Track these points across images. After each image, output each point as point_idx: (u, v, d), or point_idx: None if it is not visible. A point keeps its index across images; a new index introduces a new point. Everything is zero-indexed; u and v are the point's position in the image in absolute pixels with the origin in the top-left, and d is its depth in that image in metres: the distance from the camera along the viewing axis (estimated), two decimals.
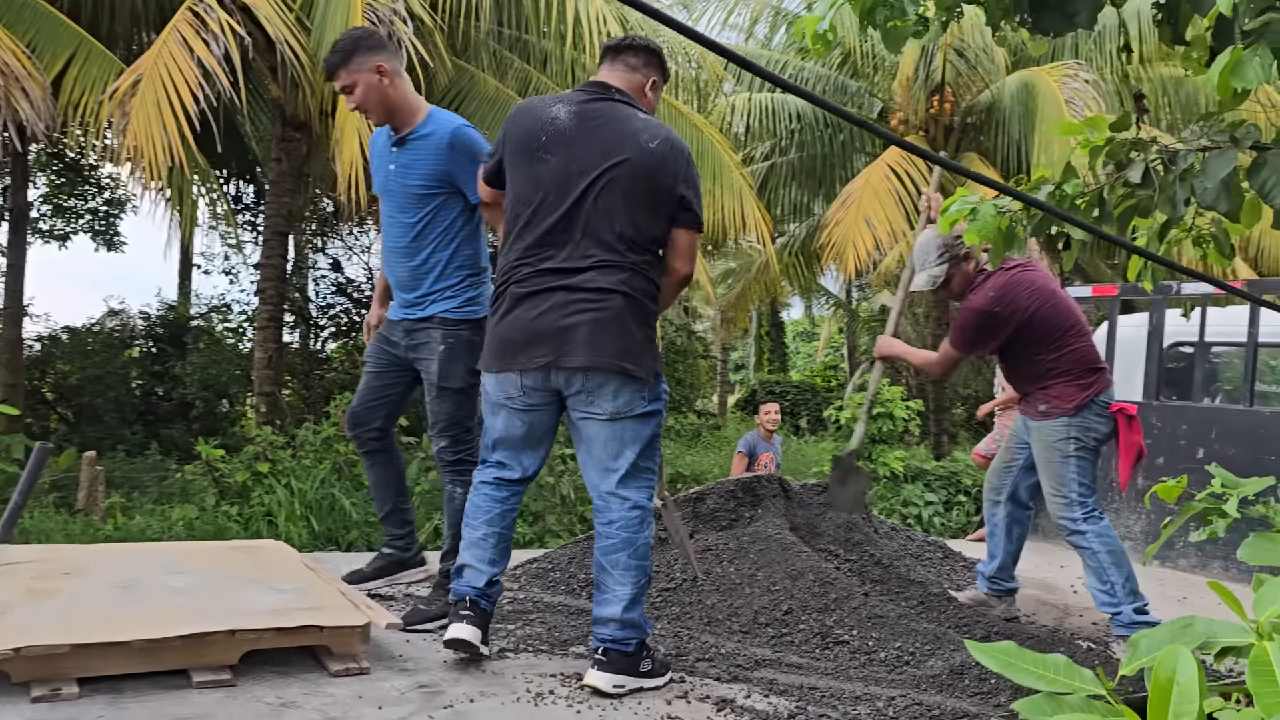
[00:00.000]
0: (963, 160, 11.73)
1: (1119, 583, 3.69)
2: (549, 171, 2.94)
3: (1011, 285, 3.80)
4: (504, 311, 3.00)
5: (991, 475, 4.23)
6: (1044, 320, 3.81)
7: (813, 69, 13.12)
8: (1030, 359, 3.87)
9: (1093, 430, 3.80)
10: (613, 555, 2.96)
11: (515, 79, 8.99)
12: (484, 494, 3.11)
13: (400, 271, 3.66)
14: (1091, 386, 3.80)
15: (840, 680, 3.22)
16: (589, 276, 2.89)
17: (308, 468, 7.84)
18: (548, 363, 2.91)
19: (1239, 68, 2.19)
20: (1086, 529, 3.72)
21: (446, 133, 3.50)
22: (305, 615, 2.95)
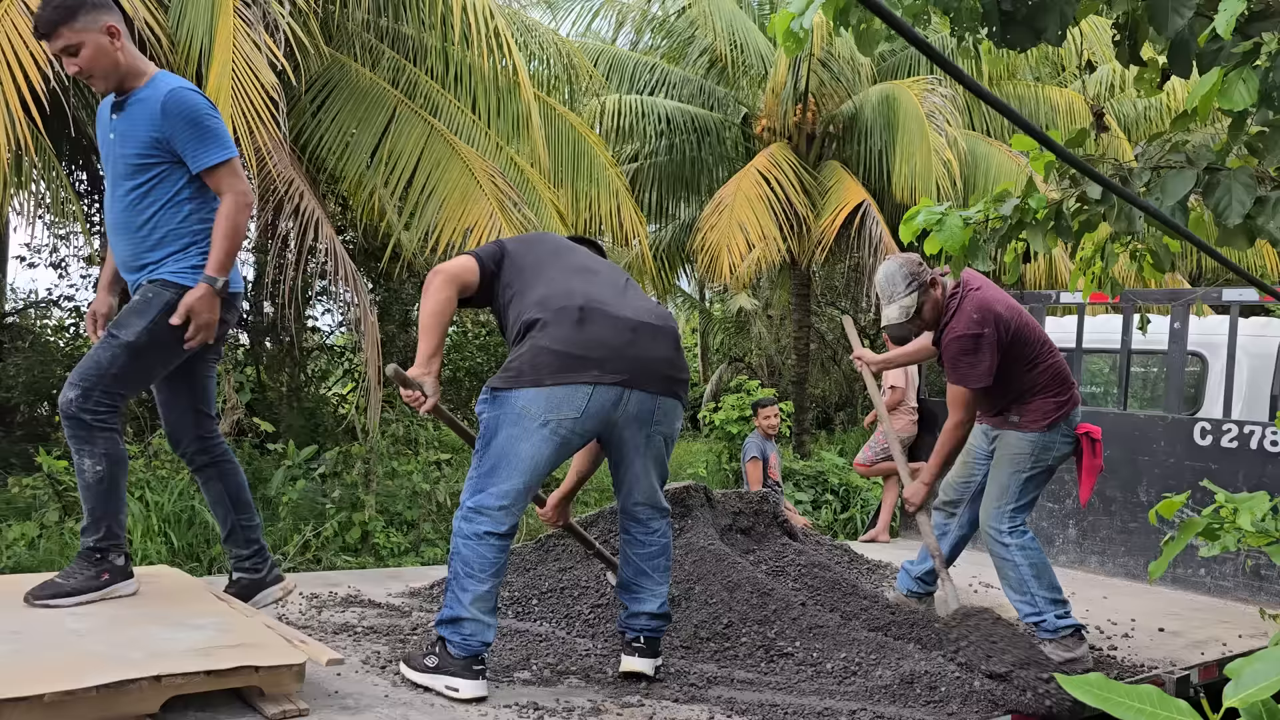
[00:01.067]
0: (824, 169, 12.03)
1: (1039, 594, 3.78)
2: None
3: (985, 303, 3.72)
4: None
5: (948, 487, 4.26)
6: (1022, 335, 3.79)
7: (679, 73, 13.17)
8: (1011, 375, 3.83)
9: (1054, 450, 3.86)
10: (654, 560, 3.21)
11: (388, 70, 8.61)
12: (494, 545, 2.92)
13: (123, 249, 3.22)
14: (1065, 405, 3.85)
15: (794, 695, 3.17)
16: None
17: (164, 478, 7.24)
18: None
19: (1227, 89, 2.25)
20: (1010, 542, 3.81)
21: (160, 95, 3.10)
22: (236, 654, 2.66)
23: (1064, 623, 3.78)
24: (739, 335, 18.20)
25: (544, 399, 2.89)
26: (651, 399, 3.02)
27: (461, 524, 2.94)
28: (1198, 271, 13.72)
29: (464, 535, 2.93)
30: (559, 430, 2.91)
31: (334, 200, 10.24)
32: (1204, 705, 1.40)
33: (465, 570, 2.91)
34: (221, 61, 6.36)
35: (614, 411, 2.97)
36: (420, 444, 8.92)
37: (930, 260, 3.37)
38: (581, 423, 2.93)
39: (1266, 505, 2.00)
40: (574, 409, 2.90)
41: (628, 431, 3.04)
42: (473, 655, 2.90)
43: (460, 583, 2.91)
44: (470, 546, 2.91)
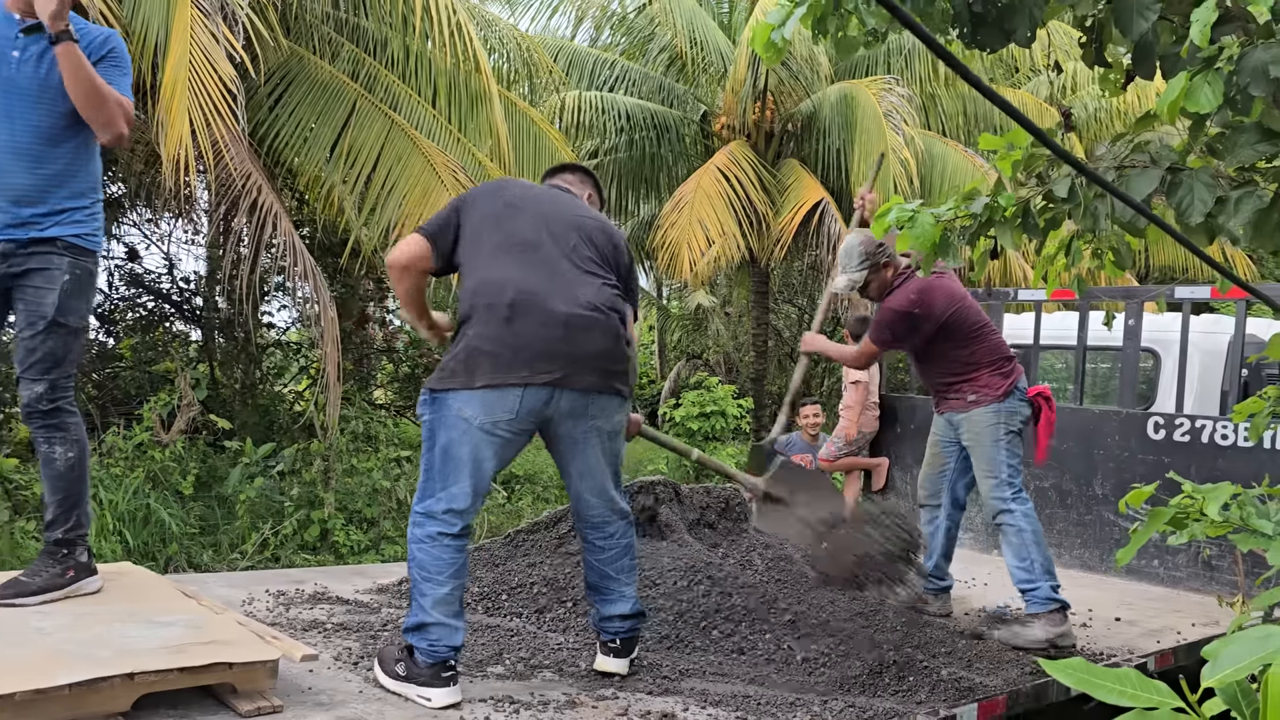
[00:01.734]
0: (783, 167, 12.12)
1: (1038, 560, 3.93)
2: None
3: (928, 290, 4.00)
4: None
5: (925, 481, 4.40)
6: (958, 321, 4.06)
7: (639, 70, 13.19)
8: (949, 356, 4.10)
9: (1019, 414, 4.08)
10: (616, 563, 3.18)
11: (348, 63, 8.52)
12: (448, 546, 2.89)
13: (20, 180, 3.00)
14: (1011, 375, 4.09)
15: (766, 686, 3.21)
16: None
17: (118, 477, 7.11)
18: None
19: (1193, 93, 2.32)
20: (1015, 508, 3.96)
21: (104, 35, 3.07)
22: (209, 651, 2.64)
23: (1055, 596, 3.94)
24: (697, 332, 18.25)
25: (478, 402, 2.86)
26: (583, 396, 2.97)
27: (414, 529, 2.92)
28: (1145, 271, 14.03)
29: (417, 540, 2.90)
30: (497, 431, 2.89)
31: (291, 195, 10.11)
32: (1183, 686, 1.45)
33: (423, 575, 2.88)
34: (178, 53, 6.25)
35: (546, 408, 2.94)
36: (380, 441, 8.85)
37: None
38: (518, 422, 2.91)
39: (1229, 495, 2.07)
40: (507, 410, 2.87)
41: (563, 427, 3.01)
42: (441, 661, 2.84)
43: (420, 588, 2.88)
44: (425, 550, 2.88)
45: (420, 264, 3.06)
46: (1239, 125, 2.70)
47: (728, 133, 12.36)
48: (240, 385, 10.82)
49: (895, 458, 6.70)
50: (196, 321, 11.19)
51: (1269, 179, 2.69)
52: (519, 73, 11.00)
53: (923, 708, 3.08)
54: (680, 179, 12.22)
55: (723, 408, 10.14)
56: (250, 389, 10.86)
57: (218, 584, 4.11)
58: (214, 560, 7.21)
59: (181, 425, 7.67)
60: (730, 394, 10.37)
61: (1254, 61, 2.32)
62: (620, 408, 3.10)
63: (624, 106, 12.34)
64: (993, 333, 4.14)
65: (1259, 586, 3.97)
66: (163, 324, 11.18)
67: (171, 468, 7.50)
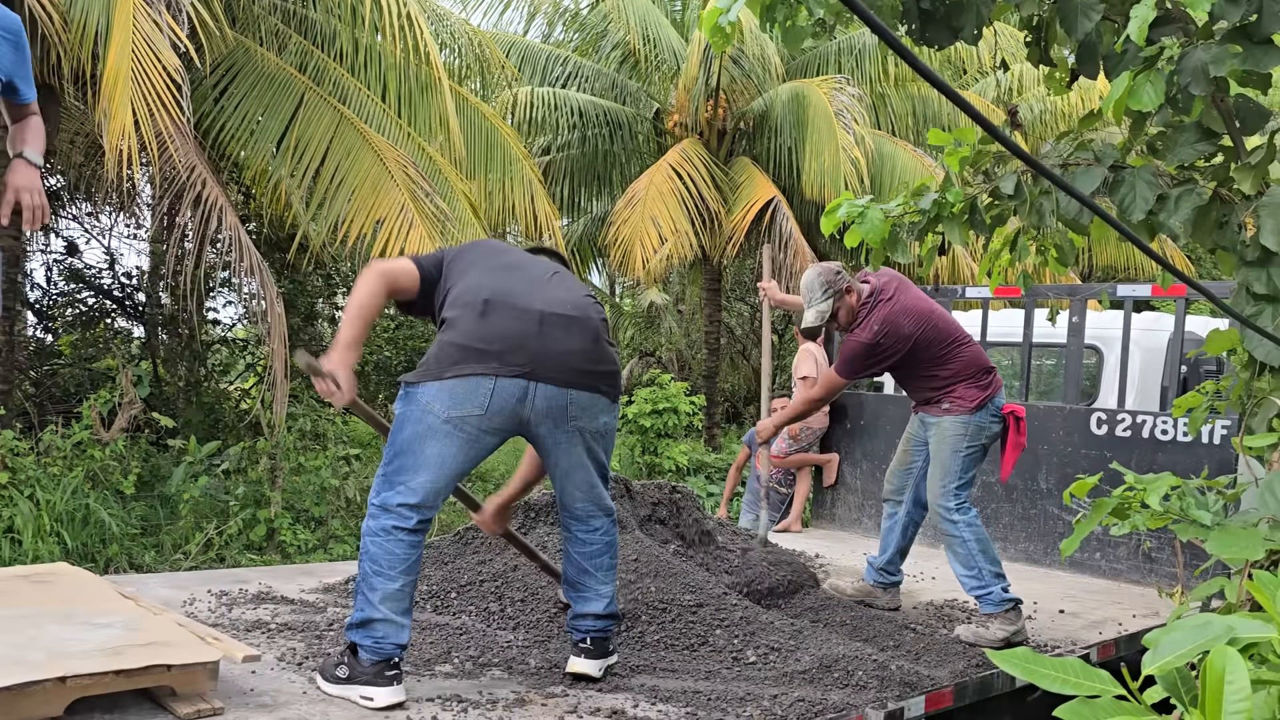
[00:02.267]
0: (735, 165, 12.17)
1: (985, 568, 3.98)
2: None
3: (894, 316, 4.00)
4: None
5: (892, 476, 4.42)
6: (928, 341, 4.05)
7: (592, 67, 13.15)
8: (926, 374, 4.10)
9: (986, 430, 4.09)
10: (597, 559, 3.14)
11: (296, 55, 8.38)
12: (402, 541, 2.81)
13: None
14: (988, 388, 4.09)
15: (716, 681, 3.20)
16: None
17: (56, 476, 6.92)
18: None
19: (1136, 91, 2.35)
20: (959, 519, 3.99)
21: (11, 17, 3.03)
22: (146, 653, 2.57)
23: (1008, 595, 4.00)
24: (650, 330, 18.26)
25: (446, 394, 2.80)
26: (561, 393, 2.89)
27: (369, 522, 2.85)
28: (1089, 270, 14.31)
29: (372, 533, 2.82)
30: (464, 428, 2.81)
31: (238, 189, 9.94)
32: (1124, 674, 1.47)
33: (374, 569, 2.80)
34: (120, 42, 6.11)
35: (521, 408, 2.85)
36: (329, 439, 8.72)
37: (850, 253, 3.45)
38: (488, 420, 2.83)
39: (1170, 486, 2.11)
40: (477, 405, 2.80)
41: (543, 429, 2.92)
42: (385, 659, 2.77)
43: (369, 582, 2.80)
44: (378, 544, 2.80)
45: (402, 278, 3.00)
46: (1179, 125, 2.75)
47: (680, 130, 12.38)
48: (185, 383, 10.63)
49: (844, 453, 6.75)
50: (139, 318, 10.97)
51: (1207, 177, 2.75)
52: (471, 68, 10.91)
53: (871, 701, 3.10)
54: (633, 176, 12.21)
55: (675, 405, 10.14)
56: (195, 386, 10.66)
57: (159, 585, 4.02)
58: (156, 561, 7.06)
59: (123, 423, 7.49)
60: (683, 391, 10.37)
61: (1194, 61, 2.37)
62: (608, 409, 3.04)
63: (577, 103, 12.30)
64: (968, 344, 4.12)
65: (1197, 578, 4.06)
66: (104, 320, 10.93)
67: (112, 467, 7.33)
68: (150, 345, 10.60)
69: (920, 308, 4.08)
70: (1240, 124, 2.67)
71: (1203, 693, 1.32)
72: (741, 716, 2.87)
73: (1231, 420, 4.98)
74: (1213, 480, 2.77)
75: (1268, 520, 1.97)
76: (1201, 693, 1.32)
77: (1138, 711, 1.42)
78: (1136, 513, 2.10)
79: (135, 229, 11.30)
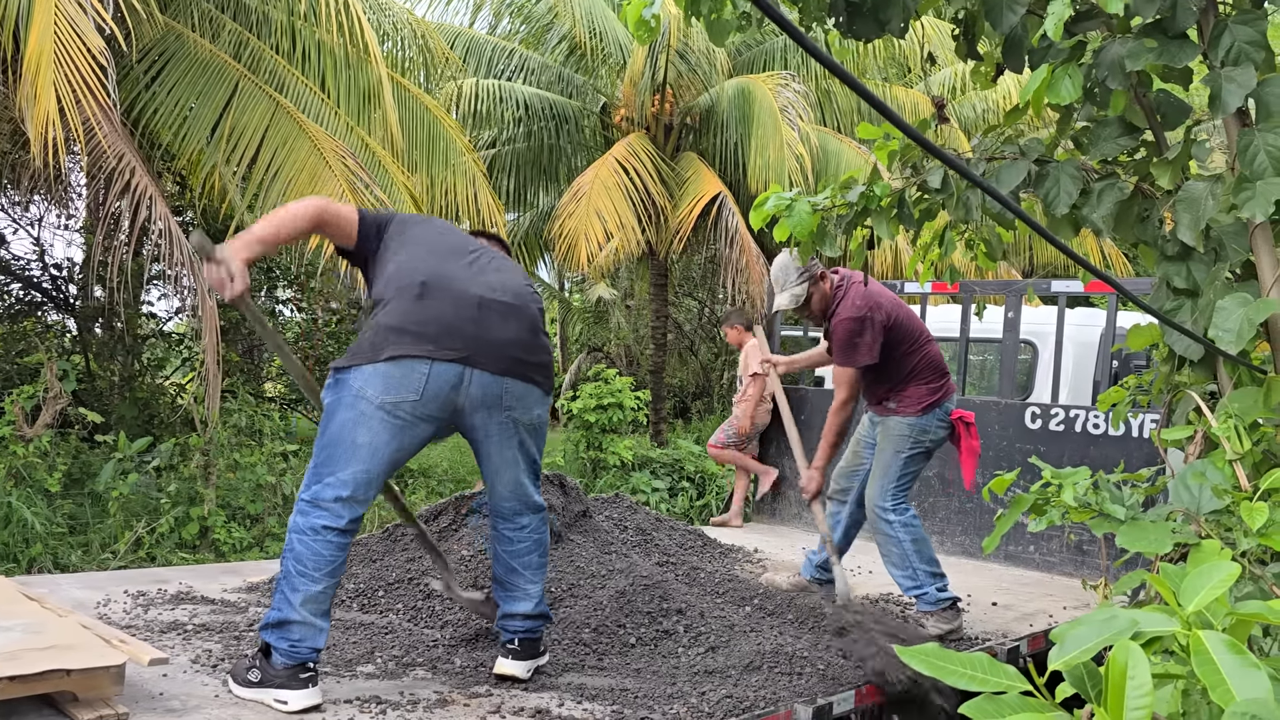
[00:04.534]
0: (682, 160, 12.14)
1: (920, 568, 3.96)
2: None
3: (869, 294, 3.98)
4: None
5: (839, 476, 4.38)
6: (902, 324, 4.03)
7: (538, 59, 13.04)
8: (890, 362, 4.03)
9: (930, 434, 4.05)
10: (524, 558, 3.07)
11: (230, 42, 8.18)
12: (331, 542, 2.72)
13: None
14: (939, 392, 4.05)
15: (644, 679, 3.17)
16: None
17: None
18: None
19: (1054, 85, 2.35)
20: (894, 519, 3.97)
21: None
22: (45, 657, 2.47)
23: (944, 595, 4.00)
24: (598, 325, 18.21)
25: (380, 378, 2.71)
26: (497, 381, 2.82)
27: (297, 518, 2.74)
28: (1030, 268, 14.52)
29: (299, 530, 2.72)
30: (398, 414, 2.72)
31: (171, 178, 9.69)
32: (1030, 670, 1.45)
33: (298, 568, 2.70)
34: (42, 24, 5.90)
35: (456, 394, 2.78)
36: (265, 434, 8.55)
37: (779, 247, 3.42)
38: (422, 406, 2.74)
39: (1086, 480, 2.11)
40: (412, 390, 2.71)
41: (477, 417, 2.85)
42: (300, 663, 2.68)
43: (291, 581, 2.70)
44: (305, 542, 2.70)
45: (339, 220, 2.90)
46: (1103, 120, 2.76)
47: (627, 125, 12.33)
48: (119, 378, 10.35)
49: (786, 448, 6.76)
50: (71, 311, 10.66)
51: (1130, 172, 2.76)
52: (414, 60, 10.76)
53: (800, 696, 3.09)
54: (579, 170, 12.14)
55: (620, 400, 10.10)
56: (129, 381, 10.38)
57: (74, 585, 3.89)
58: (83, 561, 6.85)
59: (47, 419, 7.26)
60: (628, 386, 10.33)
61: (1111, 56, 2.38)
62: (541, 401, 2.96)
63: (522, 96, 12.20)
64: (930, 344, 4.11)
65: (1118, 569, 4.11)
66: (34, 313, 10.61)
67: (37, 464, 7.11)
68: (82, 339, 10.31)
69: (890, 295, 4.10)
70: (1161, 119, 2.69)
71: (1106, 686, 1.30)
72: (668, 714, 2.84)
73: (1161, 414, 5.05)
74: (1136, 474, 2.79)
75: (1181, 513, 1.97)
76: (1105, 686, 1.31)
77: (1043, 707, 1.40)
78: (1055, 507, 2.10)
79: (66, 219, 10.98)
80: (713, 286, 16.28)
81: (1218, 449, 2.18)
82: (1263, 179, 2.24)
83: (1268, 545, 1.70)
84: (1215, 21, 2.39)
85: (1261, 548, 1.74)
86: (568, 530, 4.06)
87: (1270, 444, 2.26)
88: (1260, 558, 1.80)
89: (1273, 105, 2.30)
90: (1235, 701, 1.23)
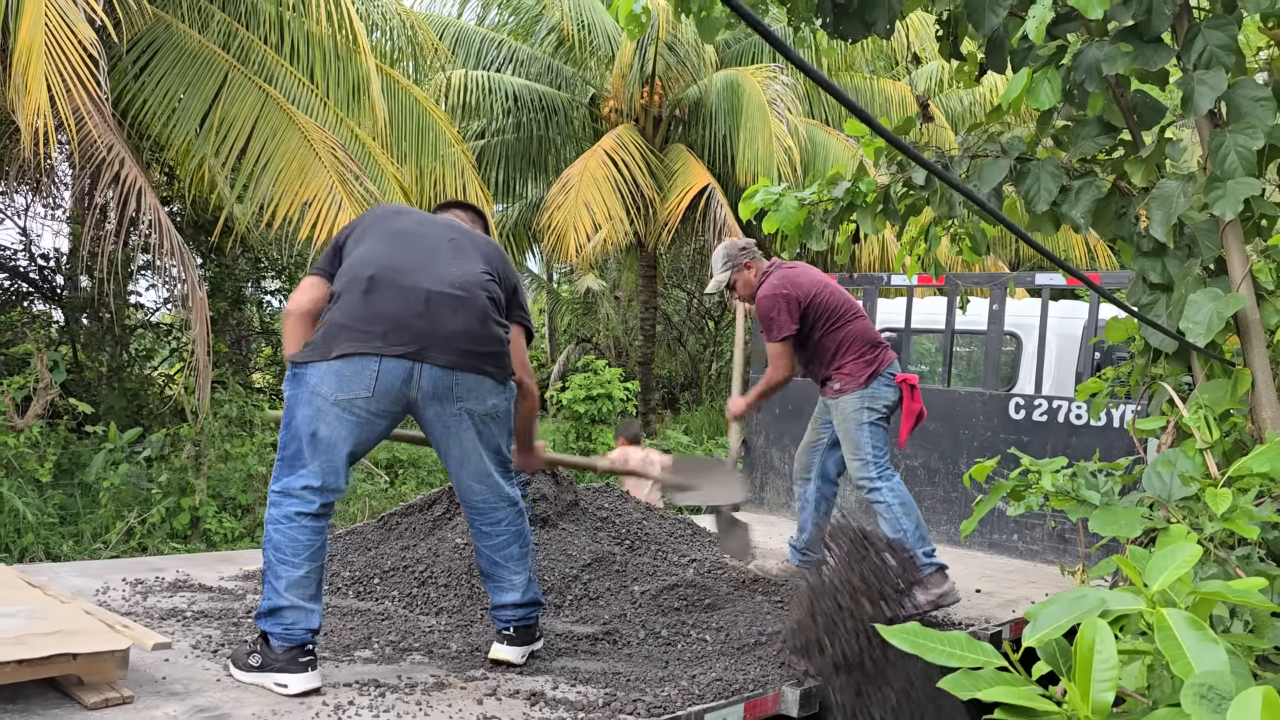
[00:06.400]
0: (670, 152, 12.21)
1: (909, 530, 4.05)
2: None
3: (790, 273, 4.09)
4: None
5: (800, 454, 4.49)
6: (824, 302, 4.12)
7: (527, 51, 13.08)
8: (819, 345, 4.16)
9: (881, 398, 4.15)
10: (504, 550, 3.09)
11: (219, 33, 8.19)
12: (306, 527, 2.78)
13: None
14: (876, 362, 4.15)
15: (638, 663, 3.24)
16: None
17: None
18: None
19: (1034, 89, 2.43)
20: (881, 485, 4.07)
21: None
22: (52, 642, 2.52)
23: (930, 560, 4.07)
24: (587, 316, 18.26)
25: (334, 376, 2.77)
26: (447, 374, 2.84)
27: (271, 510, 2.81)
28: (1016, 260, 14.64)
29: (274, 520, 2.79)
30: (352, 410, 2.78)
31: (160, 169, 9.69)
32: (1006, 647, 1.54)
33: (278, 557, 2.76)
34: (33, 15, 5.92)
35: (408, 389, 2.81)
36: (255, 425, 8.58)
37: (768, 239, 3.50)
38: (375, 402, 2.79)
39: (1063, 468, 2.19)
40: (363, 387, 2.77)
41: (430, 410, 2.87)
42: (298, 645, 2.75)
43: (274, 570, 2.77)
44: (281, 530, 2.77)
45: (320, 305, 2.98)
46: (1083, 119, 2.84)
47: (616, 116, 12.38)
48: (106, 368, 10.35)
49: (772, 438, 6.84)
50: (58, 301, 10.65)
51: (1107, 170, 2.84)
52: (403, 50, 10.76)
53: (788, 678, 3.17)
54: (568, 162, 12.19)
55: (609, 391, 10.18)
56: (117, 372, 10.39)
57: (71, 574, 3.94)
58: (74, 551, 6.89)
59: (38, 409, 7.28)
60: (617, 377, 10.41)
61: (1088, 59, 2.45)
62: (494, 391, 2.95)
63: (511, 87, 12.23)
64: (858, 317, 4.22)
65: (1096, 554, 4.21)
66: (20, 304, 10.59)
67: (27, 454, 7.13)
68: (70, 329, 10.30)
69: (815, 275, 4.19)
70: (1138, 119, 2.77)
71: (1075, 662, 1.38)
72: (660, 696, 2.91)
73: (1140, 405, 5.16)
74: (1114, 463, 2.88)
75: (1152, 499, 2.05)
76: (1074, 662, 1.39)
77: (1017, 681, 1.48)
78: (1033, 494, 2.18)
79: (53, 209, 10.95)
80: (701, 278, 16.35)
81: (1189, 438, 2.27)
82: (1233, 178, 2.32)
83: (1232, 529, 1.79)
84: (1189, 26, 2.47)
85: (1226, 532, 1.82)
86: (559, 519, 4.13)
87: (1240, 433, 2.35)
88: (1225, 541, 1.88)
89: (1243, 107, 2.39)
90: (1194, 674, 1.30)
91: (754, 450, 6.99)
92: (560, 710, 2.76)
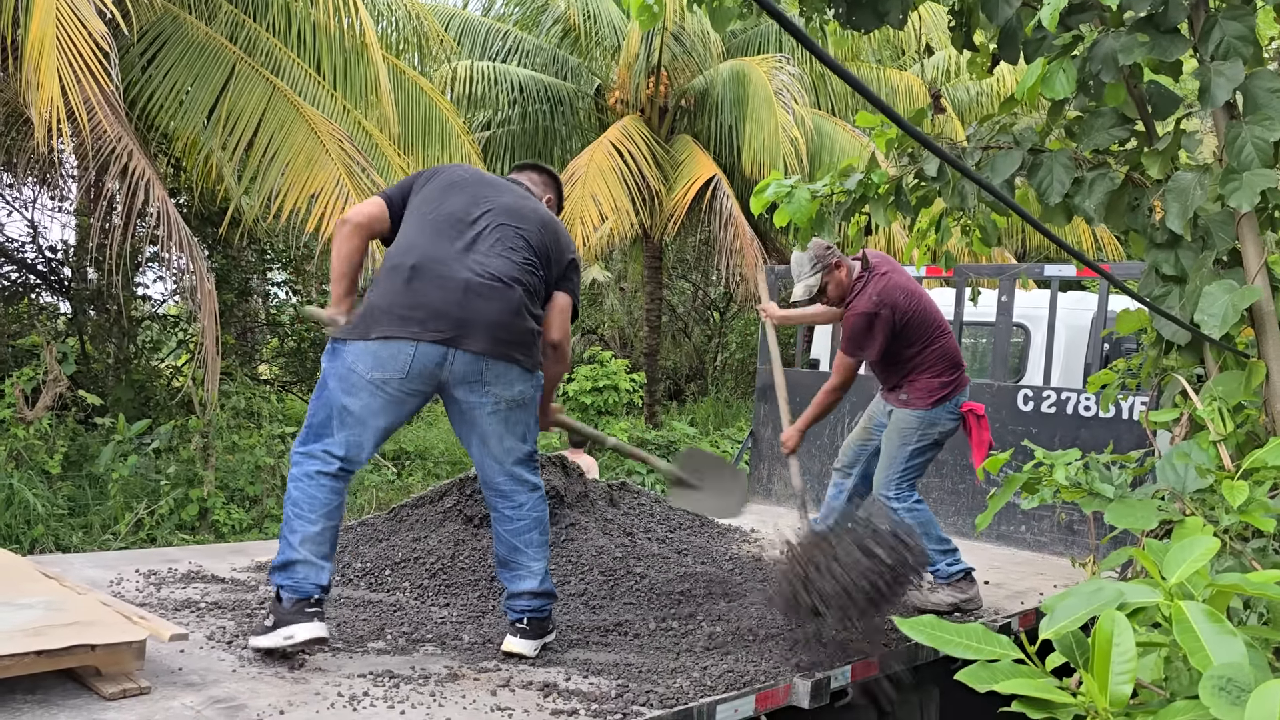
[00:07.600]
0: (676, 143, 12.17)
1: (930, 547, 4.00)
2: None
3: (889, 289, 3.93)
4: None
5: (847, 447, 4.41)
6: (919, 320, 4.00)
7: (532, 41, 13.04)
8: (902, 354, 4.04)
9: (939, 426, 4.06)
10: (525, 535, 3.12)
11: (226, 25, 8.19)
12: (324, 485, 2.89)
13: None
14: (950, 385, 4.05)
15: (649, 654, 3.25)
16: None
17: None
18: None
19: (1049, 80, 2.42)
20: (897, 506, 4.04)
21: None
22: (70, 633, 2.54)
23: (955, 568, 4.09)
24: (592, 307, 18.26)
25: (370, 356, 2.89)
26: (478, 360, 2.95)
27: (293, 469, 2.94)
28: (1023, 251, 14.61)
29: (295, 478, 2.92)
30: (386, 389, 2.91)
31: (167, 161, 9.70)
32: (1022, 639, 1.54)
33: (295, 512, 2.88)
34: (44, 9, 5.92)
35: (440, 371, 2.93)
36: (263, 417, 8.61)
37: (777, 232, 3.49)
38: (409, 383, 2.91)
39: (1076, 460, 2.19)
40: (398, 369, 2.89)
41: (460, 392, 2.98)
42: (305, 597, 2.84)
43: (291, 525, 2.88)
44: (300, 487, 2.89)
45: (376, 225, 3.09)
46: (1096, 110, 2.83)
47: (621, 107, 12.34)
48: (114, 360, 10.38)
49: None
50: (65, 293, 10.67)
51: (1121, 162, 2.83)
52: (409, 41, 10.76)
53: (799, 670, 3.18)
54: (574, 153, 12.15)
55: (615, 382, 10.20)
56: (125, 364, 10.42)
57: (85, 565, 3.96)
58: (84, 542, 6.93)
59: (48, 401, 7.32)
60: (623, 369, 10.42)
61: (1104, 49, 2.44)
62: (522, 378, 3.05)
63: (517, 78, 12.19)
64: (946, 336, 4.10)
65: (1105, 546, 4.21)
66: (28, 295, 10.62)
67: (37, 446, 7.17)
68: (77, 321, 10.33)
69: (912, 287, 4.05)
70: (1153, 110, 2.76)
71: (1093, 654, 1.39)
72: (671, 688, 2.92)
73: (1150, 396, 5.15)
74: (1125, 455, 2.88)
75: (1167, 492, 2.06)
76: (1092, 655, 1.39)
77: (1033, 673, 1.49)
78: (1046, 486, 2.18)
79: (60, 201, 10.97)
80: (707, 269, 16.35)
81: (1203, 430, 2.27)
82: (1249, 170, 2.31)
83: (1248, 521, 1.79)
84: (1206, 16, 2.47)
85: (1242, 524, 1.83)
86: (569, 511, 4.14)
87: (1253, 425, 2.35)
88: (1241, 534, 1.89)
89: (1260, 99, 2.38)
90: (1213, 666, 1.31)
91: (761, 441, 6.99)
92: (573, 701, 2.77)
